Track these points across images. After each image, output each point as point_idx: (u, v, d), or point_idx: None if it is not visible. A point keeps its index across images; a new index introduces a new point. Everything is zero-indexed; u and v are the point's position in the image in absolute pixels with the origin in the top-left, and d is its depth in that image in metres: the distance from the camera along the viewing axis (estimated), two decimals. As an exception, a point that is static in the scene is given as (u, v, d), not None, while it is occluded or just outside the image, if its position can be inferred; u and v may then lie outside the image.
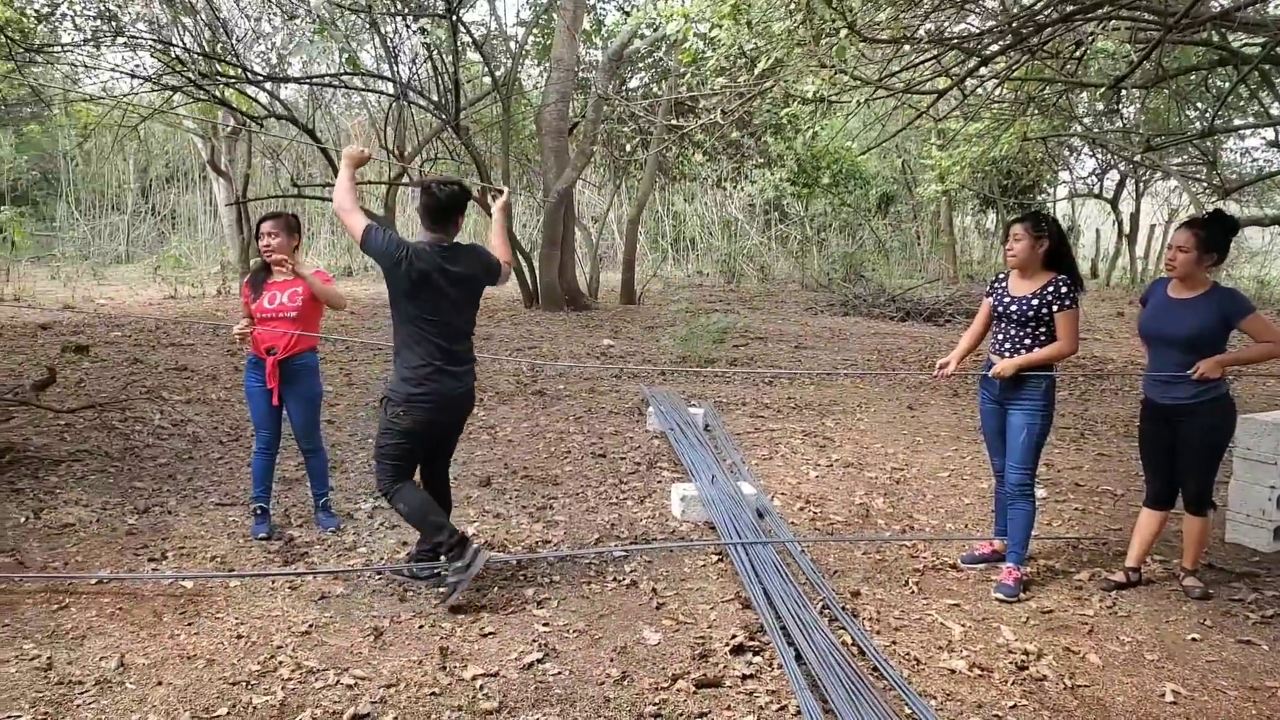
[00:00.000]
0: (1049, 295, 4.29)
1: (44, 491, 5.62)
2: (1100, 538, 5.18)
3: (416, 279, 4.03)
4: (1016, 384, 4.36)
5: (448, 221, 4.19)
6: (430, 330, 4.09)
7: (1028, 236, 4.33)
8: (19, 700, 3.29)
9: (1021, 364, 4.29)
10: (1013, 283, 4.46)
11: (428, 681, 3.48)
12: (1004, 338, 4.44)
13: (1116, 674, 3.63)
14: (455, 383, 4.17)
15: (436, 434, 4.29)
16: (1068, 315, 4.27)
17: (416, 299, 4.07)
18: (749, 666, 3.61)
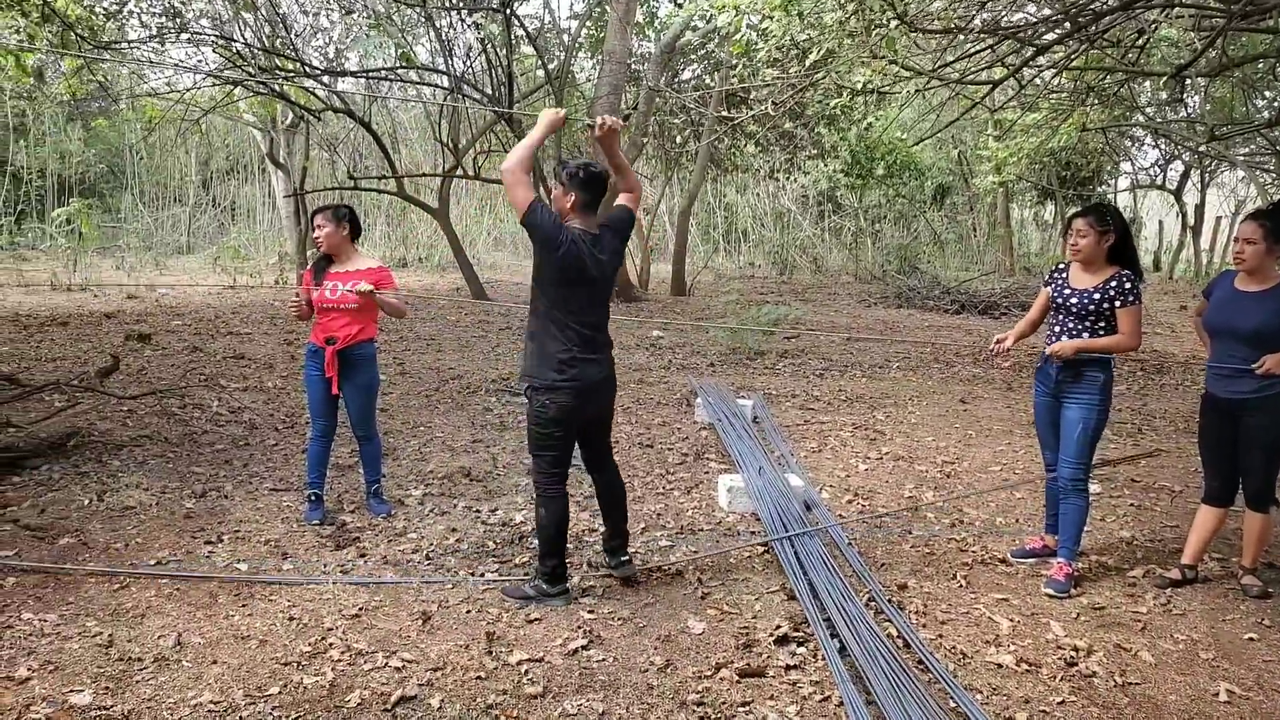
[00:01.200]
0: (1112, 290, 4.21)
1: (107, 475, 5.78)
2: (1156, 534, 5.09)
3: (572, 266, 3.92)
4: (1074, 377, 4.29)
5: (597, 205, 4.08)
6: (573, 318, 4.00)
7: (1092, 231, 4.25)
8: (81, 675, 3.40)
9: (1081, 346, 4.21)
10: (1074, 275, 4.38)
11: (474, 665, 3.53)
12: (1061, 330, 4.36)
13: (1169, 672, 3.57)
14: (596, 369, 4.08)
15: (583, 421, 4.18)
16: (1131, 311, 4.19)
17: (568, 286, 3.96)
18: (793, 657, 3.61)
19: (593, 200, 4.04)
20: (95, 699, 3.24)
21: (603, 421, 4.35)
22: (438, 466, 6.19)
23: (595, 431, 4.33)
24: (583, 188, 3.99)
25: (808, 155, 21.22)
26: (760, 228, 27.15)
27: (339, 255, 5.05)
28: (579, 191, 3.99)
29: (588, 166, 4.02)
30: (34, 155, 23.61)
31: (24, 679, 3.35)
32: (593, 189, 4.02)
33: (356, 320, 5.01)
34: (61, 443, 6.33)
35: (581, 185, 3.99)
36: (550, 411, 4.01)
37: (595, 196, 4.04)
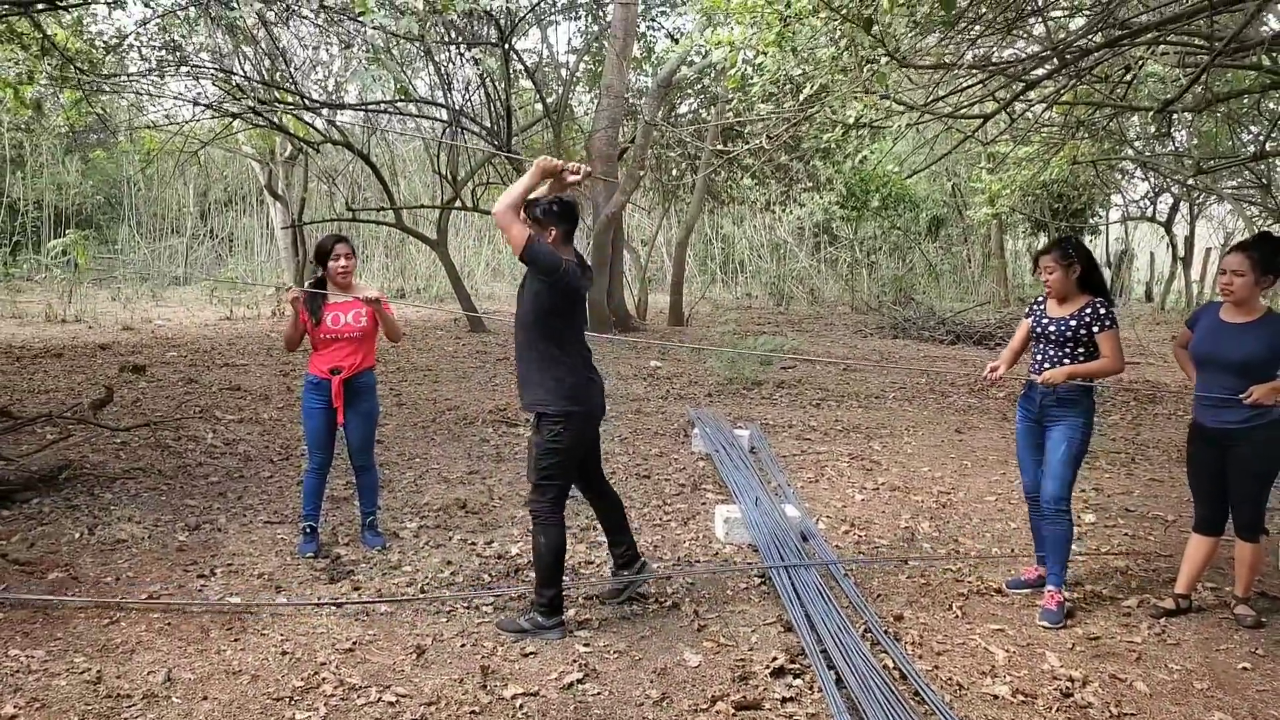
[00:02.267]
0: (1088, 317, 4.28)
1: (99, 508, 5.76)
2: (1150, 564, 5.07)
3: (575, 291, 4.10)
4: (1058, 401, 4.33)
5: (573, 235, 4.27)
6: (578, 344, 4.17)
7: (1059, 266, 4.33)
8: (69, 713, 3.37)
9: (1072, 373, 4.26)
10: (1050, 306, 4.44)
11: (468, 700, 3.50)
12: (1043, 358, 4.42)
13: (1164, 702, 3.56)
14: (600, 391, 4.26)
15: (587, 446, 4.31)
16: (1110, 335, 4.25)
17: (571, 312, 4.13)
18: (789, 689, 3.58)
19: (571, 230, 4.22)
20: (85, 734, 3.21)
21: (596, 443, 4.46)
22: (433, 499, 6.17)
23: (592, 454, 4.43)
24: (559, 220, 4.13)
25: (803, 188, 21.35)
26: (757, 259, 27.25)
27: (347, 286, 5.07)
28: (557, 224, 4.12)
29: (559, 199, 4.16)
30: (31, 186, 23.70)
31: (10, 716, 3.32)
32: (569, 219, 4.19)
33: (360, 349, 5.04)
34: (53, 475, 6.31)
35: (558, 218, 4.13)
36: (565, 440, 4.08)
37: (573, 226, 4.24)
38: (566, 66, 18.48)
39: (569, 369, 4.11)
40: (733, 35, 6.64)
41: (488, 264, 25.88)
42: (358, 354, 5.05)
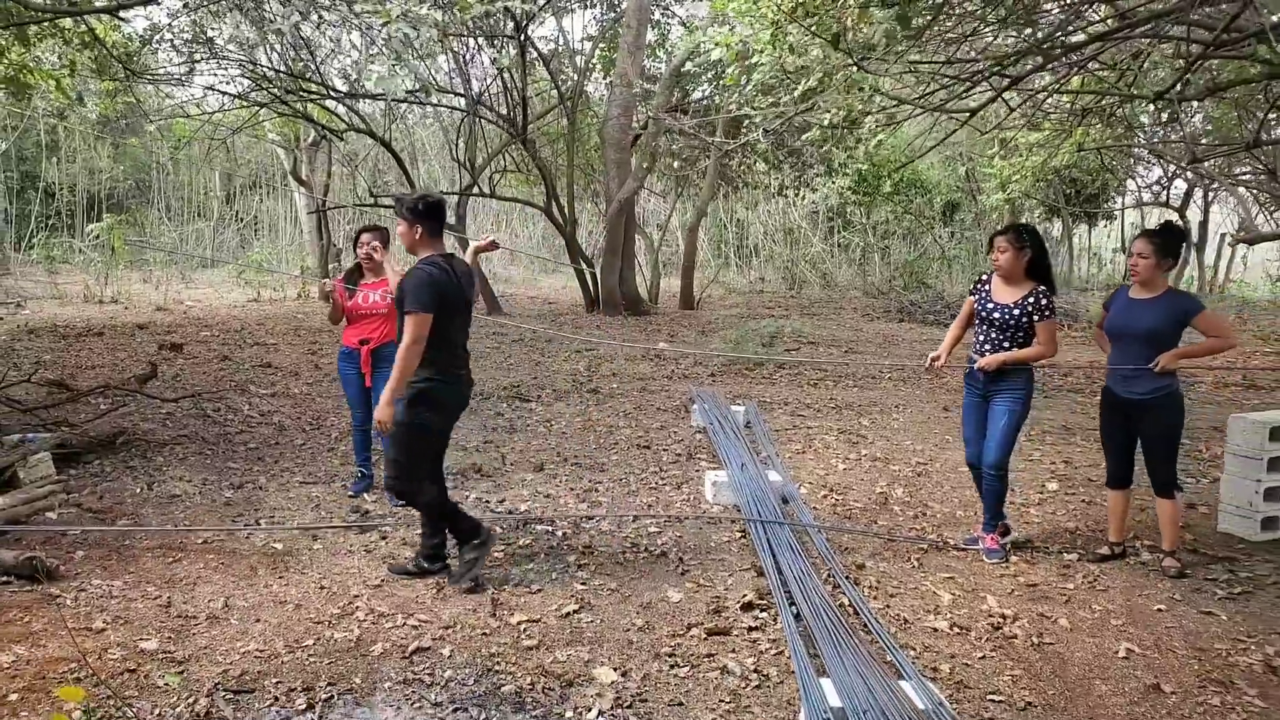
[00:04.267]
0: (1029, 305, 4.80)
1: (153, 469, 6.40)
2: (1099, 525, 5.59)
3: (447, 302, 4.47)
4: (1000, 378, 4.87)
5: (441, 231, 4.60)
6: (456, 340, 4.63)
7: (1011, 248, 4.84)
8: (147, 628, 3.99)
9: (1006, 360, 4.81)
10: (996, 287, 4.96)
11: (480, 625, 4.10)
12: (985, 340, 4.94)
13: (1081, 635, 4.12)
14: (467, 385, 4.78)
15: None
16: (1048, 324, 4.79)
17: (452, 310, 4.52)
18: (755, 620, 4.17)
19: (437, 226, 4.53)
20: (160, 645, 3.83)
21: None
22: (451, 463, 6.74)
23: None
24: (425, 217, 4.47)
25: (816, 173, 21.78)
26: (771, 243, 27.69)
27: (376, 269, 5.67)
28: (422, 221, 4.47)
29: (424, 198, 4.50)
30: (65, 172, 24.42)
31: (100, 629, 3.95)
32: (434, 216, 4.50)
33: (386, 323, 5.67)
34: (110, 441, 6.96)
35: (423, 215, 4.47)
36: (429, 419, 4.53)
37: (438, 223, 4.54)
38: (581, 54, 18.98)
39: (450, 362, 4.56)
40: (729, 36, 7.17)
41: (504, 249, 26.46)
42: (384, 327, 5.69)
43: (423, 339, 4.32)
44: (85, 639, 3.85)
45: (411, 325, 4.32)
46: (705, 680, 3.65)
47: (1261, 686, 3.68)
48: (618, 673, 3.68)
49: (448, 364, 4.54)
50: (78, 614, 4.11)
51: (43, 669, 3.58)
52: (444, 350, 4.49)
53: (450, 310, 4.47)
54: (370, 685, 3.57)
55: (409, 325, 4.32)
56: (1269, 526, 5.35)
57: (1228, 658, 3.91)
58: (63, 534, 5.05)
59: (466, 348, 4.74)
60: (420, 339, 4.32)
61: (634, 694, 3.53)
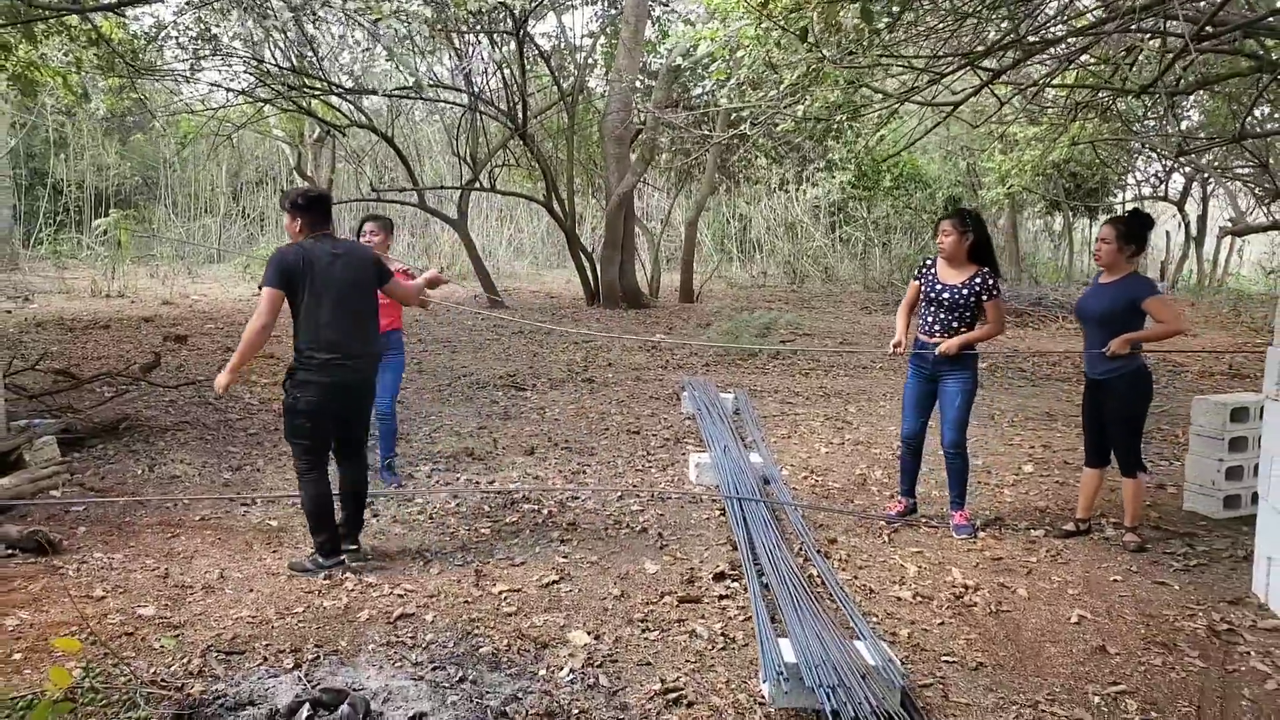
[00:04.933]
0: (977, 286, 5.00)
1: (155, 452, 6.61)
2: (1068, 504, 5.76)
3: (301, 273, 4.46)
4: (951, 360, 5.05)
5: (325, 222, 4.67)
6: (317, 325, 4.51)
7: (955, 231, 5.03)
8: (145, 596, 4.19)
9: (965, 340, 4.99)
10: (941, 270, 5.14)
11: (463, 594, 4.29)
12: (933, 320, 5.12)
13: (1038, 603, 4.30)
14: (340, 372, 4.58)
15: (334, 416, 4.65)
16: (996, 303, 4.99)
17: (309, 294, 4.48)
18: (726, 589, 4.36)
19: (318, 218, 4.61)
20: (157, 612, 4.03)
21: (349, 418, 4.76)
22: (445, 448, 6.96)
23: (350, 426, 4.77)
24: (304, 210, 4.59)
25: (816, 168, 21.93)
26: (772, 238, 27.84)
27: None
28: (302, 214, 4.58)
29: (305, 192, 4.65)
30: (73, 168, 24.66)
31: (100, 597, 4.15)
32: (313, 209, 4.60)
33: (387, 312, 5.78)
34: (114, 426, 7.17)
35: (303, 209, 4.59)
36: (300, 404, 4.53)
37: (318, 215, 4.62)
38: (581, 49, 19.14)
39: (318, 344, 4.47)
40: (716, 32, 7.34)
41: (509, 243, 26.66)
42: (385, 316, 5.83)
43: (264, 314, 4.41)
44: (86, 605, 4.05)
45: (260, 301, 4.45)
46: (674, 643, 3.84)
47: (1202, 649, 3.85)
48: (591, 636, 3.87)
49: (309, 346, 4.49)
50: (79, 583, 4.31)
51: (44, 632, 3.78)
52: (305, 332, 4.49)
53: (309, 290, 4.45)
54: (355, 648, 3.76)
55: (260, 301, 4.45)
56: (1230, 505, 5.51)
57: (1174, 623, 4.09)
58: (65, 510, 5.26)
59: (348, 332, 4.56)
60: (262, 314, 4.42)
61: (605, 655, 3.71)
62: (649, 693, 3.41)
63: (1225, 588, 4.50)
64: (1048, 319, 16.01)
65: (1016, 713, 3.37)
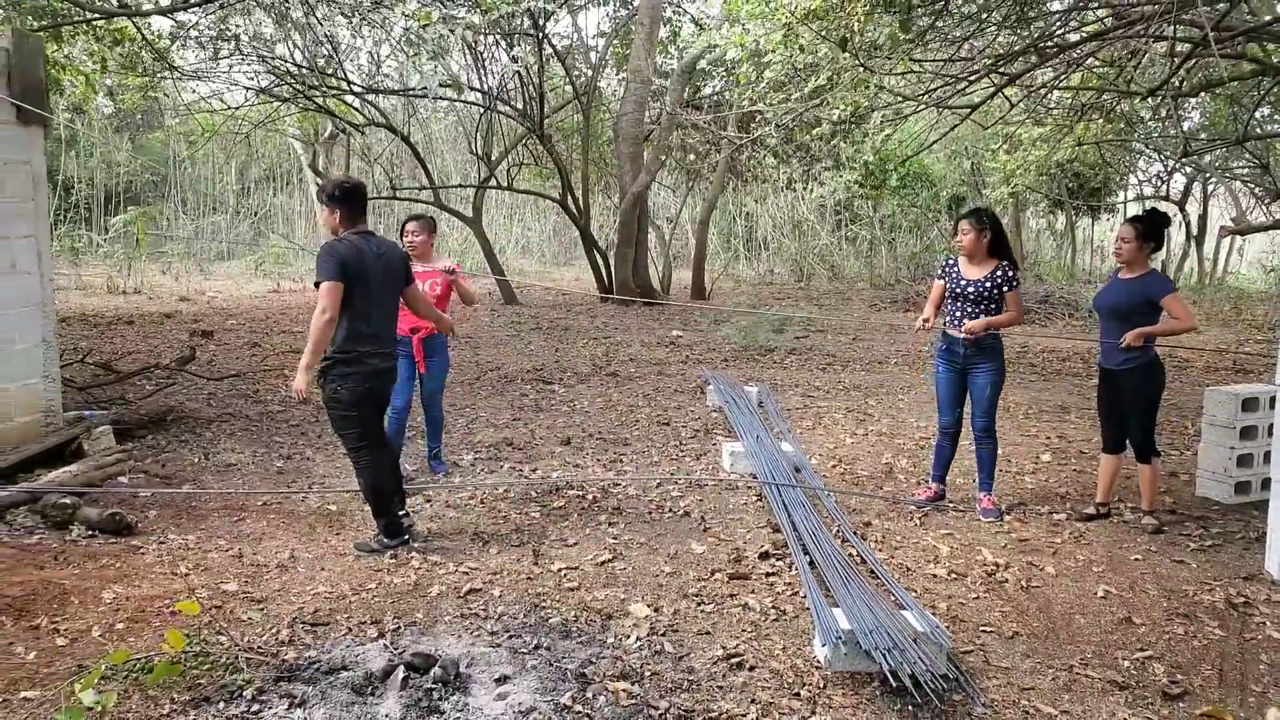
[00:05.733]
0: (999, 278, 5.29)
1: (205, 442, 6.87)
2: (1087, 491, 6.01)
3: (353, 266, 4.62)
4: (979, 351, 5.35)
5: (362, 214, 4.82)
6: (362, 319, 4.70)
7: (974, 230, 5.32)
8: (225, 574, 4.45)
9: (990, 324, 5.28)
10: (963, 267, 5.42)
11: (524, 571, 4.55)
12: (960, 314, 5.41)
13: (1065, 580, 4.56)
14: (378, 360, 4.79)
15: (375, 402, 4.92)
16: (1015, 294, 5.31)
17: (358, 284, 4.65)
18: (772, 567, 4.62)
19: (356, 209, 4.76)
20: (239, 588, 4.29)
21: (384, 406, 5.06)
22: (484, 438, 7.23)
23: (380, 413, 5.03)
24: (342, 201, 4.72)
25: (824, 167, 22.19)
26: (780, 236, 28.10)
27: (424, 258, 6.04)
28: (340, 205, 4.72)
29: (341, 183, 4.80)
30: (84, 165, 24.88)
31: (184, 574, 4.41)
32: (350, 201, 4.74)
33: None
34: (161, 418, 7.43)
35: (341, 200, 4.72)
36: (343, 395, 4.71)
37: (356, 206, 4.77)
38: (595, 50, 19.38)
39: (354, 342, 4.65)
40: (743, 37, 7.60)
41: (518, 242, 26.91)
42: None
43: (329, 308, 4.50)
44: (172, 581, 4.31)
45: (320, 296, 4.54)
46: (729, 614, 4.10)
47: (1221, 619, 4.12)
48: (651, 609, 4.13)
49: (350, 339, 4.65)
50: (161, 562, 4.57)
51: (141, 604, 4.04)
52: (347, 325, 4.63)
53: (359, 286, 4.62)
54: (431, 619, 4.02)
55: (319, 296, 4.56)
56: (1241, 490, 5.78)
57: (1194, 597, 4.35)
58: (134, 495, 5.51)
59: (384, 328, 4.80)
60: (326, 308, 4.50)
61: (667, 625, 3.97)
62: (712, 658, 3.68)
63: (1239, 566, 4.76)
64: (1054, 315, 16.27)
65: (1053, 675, 3.63)
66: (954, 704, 3.40)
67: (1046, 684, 3.58)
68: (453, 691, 3.32)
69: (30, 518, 5.04)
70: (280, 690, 3.35)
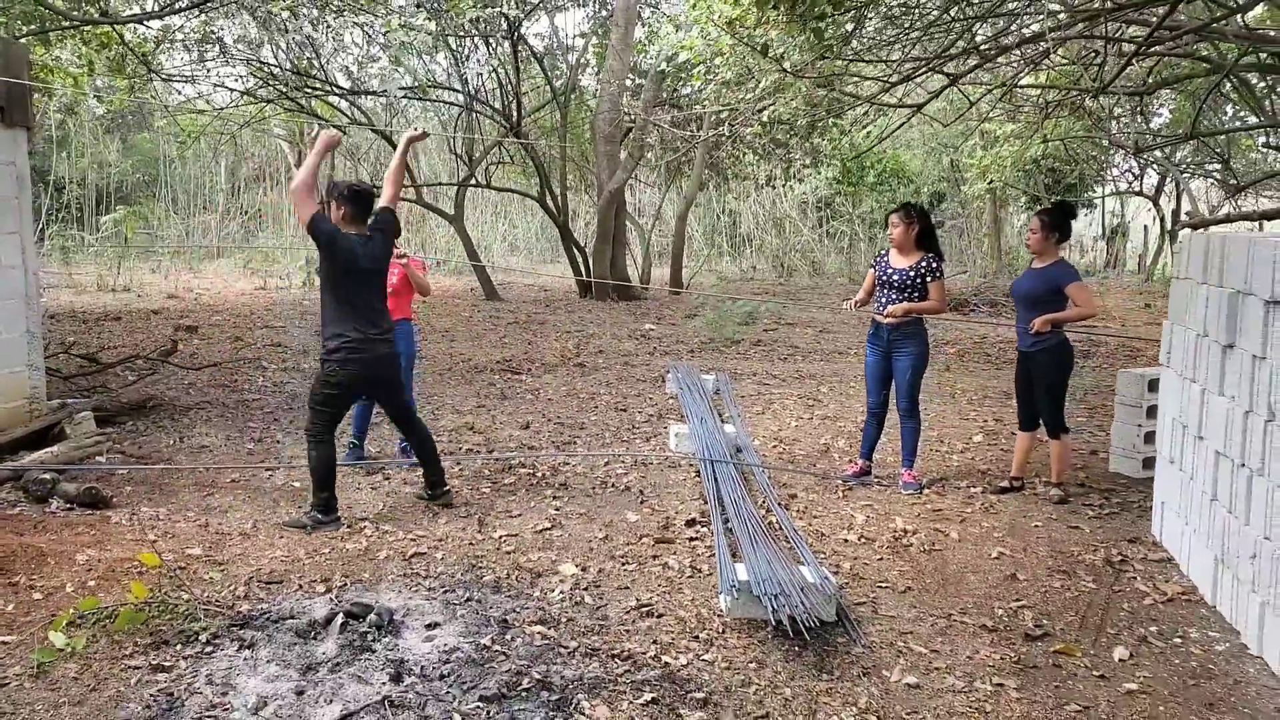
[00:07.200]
0: (923, 269, 5.66)
1: (181, 427, 7.24)
2: (1009, 467, 6.40)
3: (345, 261, 5.03)
4: (902, 336, 5.74)
5: (365, 216, 5.21)
6: (352, 304, 5.10)
7: (902, 223, 5.70)
8: (190, 541, 4.83)
9: (910, 309, 5.67)
10: (893, 258, 5.81)
11: (468, 538, 4.94)
12: (887, 301, 5.79)
13: (966, 544, 4.96)
14: (375, 346, 5.17)
15: (367, 387, 5.40)
16: (939, 284, 5.66)
17: (342, 279, 5.07)
18: (695, 533, 5.02)
19: (359, 211, 5.17)
20: (203, 552, 4.67)
21: (391, 386, 5.45)
22: (448, 424, 7.61)
23: (389, 395, 5.49)
24: (349, 202, 5.13)
25: (803, 164, 22.59)
26: (761, 233, 28.50)
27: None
28: (347, 205, 5.12)
29: (352, 186, 5.21)
30: (74, 165, 25.20)
31: (152, 540, 4.79)
32: (357, 203, 5.15)
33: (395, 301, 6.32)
34: (141, 405, 7.80)
35: (349, 200, 5.13)
36: (335, 379, 5.11)
37: (361, 208, 5.18)
38: (573, 49, 19.78)
39: (345, 325, 5.07)
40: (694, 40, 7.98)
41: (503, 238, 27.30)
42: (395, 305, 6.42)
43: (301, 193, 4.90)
44: (142, 547, 4.69)
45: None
46: (649, 573, 4.49)
47: (1097, 575, 4.53)
48: (579, 568, 4.52)
49: (337, 323, 5.08)
50: (133, 530, 4.95)
51: (112, 565, 4.42)
52: (331, 308, 5.10)
53: (347, 269, 5.04)
54: (376, 578, 4.40)
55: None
56: (1148, 465, 6.14)
57: (1078, 557, 4.76)
58: (111, 474, 5.89)
59: (370, 320, 5.15)
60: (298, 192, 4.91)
61: (590, 581, 4.37)
62: (626, 608, 4.07)
63: (1128, 530, 5.17)
64: (1020, 309, 16.65)
65: (933, 622, 4.03)
66: (837, 645, 3.79)
67: (925, 629, 3.97)
68: (385, 634, 3.71)
69: (13, 494, 5.42)
70: (232, 635, 3.74)
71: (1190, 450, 4.62)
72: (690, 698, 3.35)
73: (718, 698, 3.37)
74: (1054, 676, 3.61)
